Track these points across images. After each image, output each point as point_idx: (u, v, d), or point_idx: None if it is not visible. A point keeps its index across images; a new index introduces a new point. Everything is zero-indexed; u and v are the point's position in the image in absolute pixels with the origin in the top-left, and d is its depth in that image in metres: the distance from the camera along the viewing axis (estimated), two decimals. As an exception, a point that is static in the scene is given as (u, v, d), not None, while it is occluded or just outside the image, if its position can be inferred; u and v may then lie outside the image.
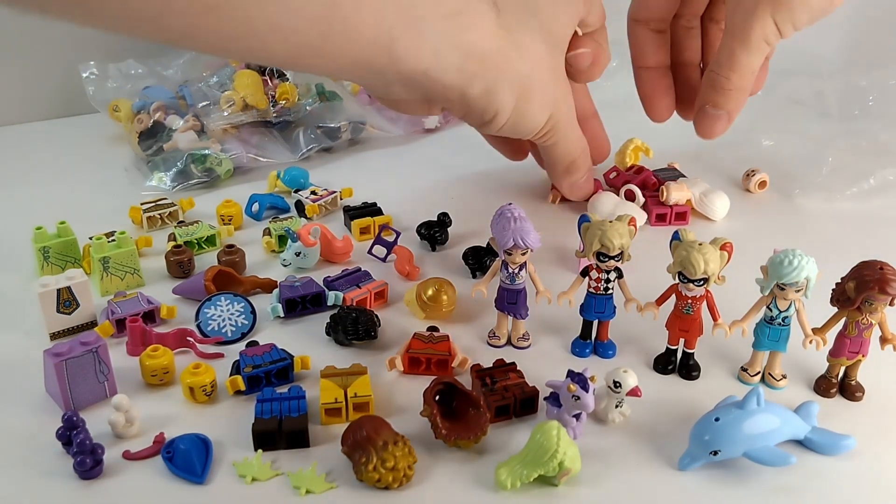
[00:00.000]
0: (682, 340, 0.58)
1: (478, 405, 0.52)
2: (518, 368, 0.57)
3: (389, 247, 0.71)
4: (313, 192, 0.80)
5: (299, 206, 0.79)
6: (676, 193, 0.77)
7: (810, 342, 0.56)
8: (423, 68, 0.48)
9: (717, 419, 0.49)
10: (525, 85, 0.53)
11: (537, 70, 0.54)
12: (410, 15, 0.45)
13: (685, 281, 0.55)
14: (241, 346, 0.60)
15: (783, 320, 0.55)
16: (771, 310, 0.55)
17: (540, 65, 0.54)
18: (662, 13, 0.66)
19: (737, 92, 0.57)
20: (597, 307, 0.59)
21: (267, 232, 0.74)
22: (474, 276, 0.70)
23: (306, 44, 0.42)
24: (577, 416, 0.52)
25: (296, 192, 0.80)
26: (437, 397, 0.52)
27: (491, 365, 0.57)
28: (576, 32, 0.62)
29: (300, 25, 0.41)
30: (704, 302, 0.56)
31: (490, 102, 0.52)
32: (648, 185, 0.81)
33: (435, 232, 0.73)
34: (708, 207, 0.78)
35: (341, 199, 0.80)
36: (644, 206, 0.78)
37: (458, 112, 0.54)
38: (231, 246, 0.70)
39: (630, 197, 0.78)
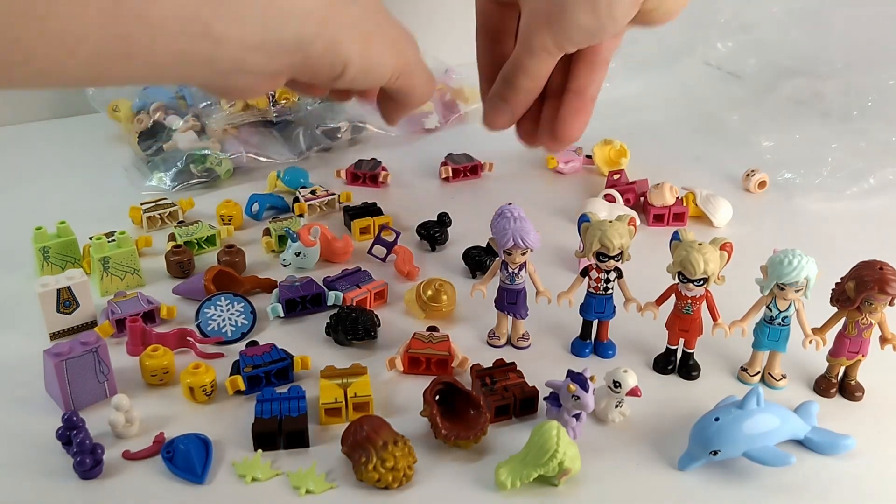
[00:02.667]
0: (681, 340, 0.58)
1: (478, 405, 0.52)
2: (518, 368, 0.57)
3: (389, 247, 0.71)
4: (313, 192, 0.80)
5: (296, 202, 0.79)
6: (658, 198, 0.77)
7: (810, 342, 0.56)
8: (255, 44, 0.44)
9: (716, 419, 0.49)
10: (365, 30, 0.52)
11: (369, 12, 0.53)
12: None
13: (685, 281, 0.55)
14: (241, 346, 0.60)
15: (783, 320, 0.55)
16: (771, 310, 0.55)
17: (370, 6, 0.54)
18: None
19: (522, 91, 0.58)
20: (597, 307, 0.59)
21: (267, 232, 0.74)
22: (474, 276, 0.70)
23: (103, 52, 0.38)
24: (577, 416, 0.52)
25: (301, 189, 0.81)
26: (437, 397, 0.52)
27: (491, 365, 0.57)
28: None
29: (85, 32, 0.36)
30: (704, 302, 0.56)
31: (336, 55, 0.50)
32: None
33: (435, 232, 0.73)
34: (712, 208, 0.78)
35: (339, 202, 0.80)
36: (643, 207, 0.78)
37: (304, 76, 0.52)
38: (231, 246, 0.70)
39: (610, 201, 0.78)
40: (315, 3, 0.48)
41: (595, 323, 0.60)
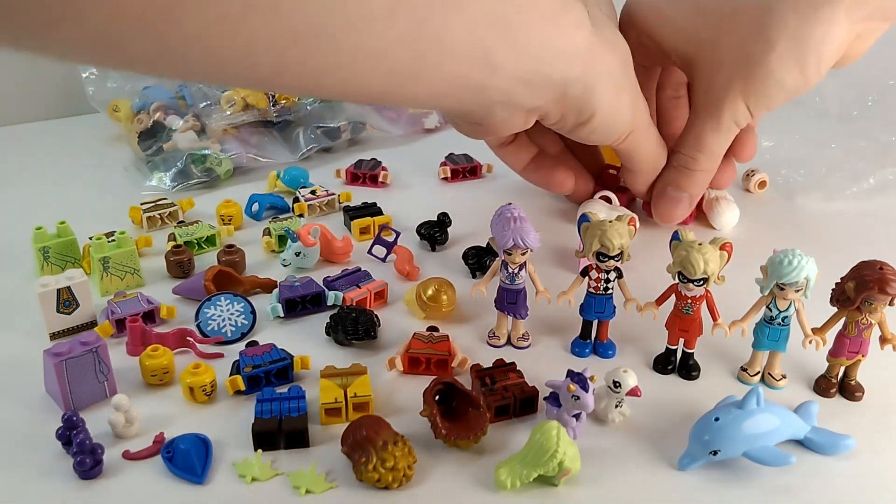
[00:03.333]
0: (681, 340, 0.58)
1: (478, 405, 0.52)
2: (518, 368, 0.57)
3: (389, 247, 0.71)
4: (313, 192, 0.80)
5: (296, 202, 0.79)
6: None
7: (810, 342, 0.56)
8: (526, 77, 0.45)
9: (716, 419, 0.49)
10: (617, 81, 0.51)
11: (624, 64, 0.52)
12: (504, 22, 0.43)
13: (685, 281, 0.55)
14: (241, 346, 0.60)
15: (783, 320, 0.55)
16: (771, 310, 0.55)
17: (626, 58, 0.53)
18: None
19: (702, 174, 0.56)
20: (597, 307, 0.59)
21: (267, 232, 0.74)
22: (474, 276, 0.70)
23: (399, 70, 0.40)
24: (577, 416, 0.52)
25: (301, 189, 0.81)
26: (437, 397, 0.52)
27: (491, 365, 0.57)
28: None
29: (389, 48, 0.39)
30: (704, 302, 0.56)
31: (589, 101, 0.50)
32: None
33: (435, 232, 0.73)
34: (715, 213, 0.76)
35: (339, 202, 0.80)
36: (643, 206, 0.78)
37: (553, 117, 0.52)
38: (231, 246, 0.70)
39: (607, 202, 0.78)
40: (582, 46, 0.48)
41: (595, 323, 0.60)
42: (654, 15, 0.59)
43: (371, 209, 0.78)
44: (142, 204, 0.77)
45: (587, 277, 0.59)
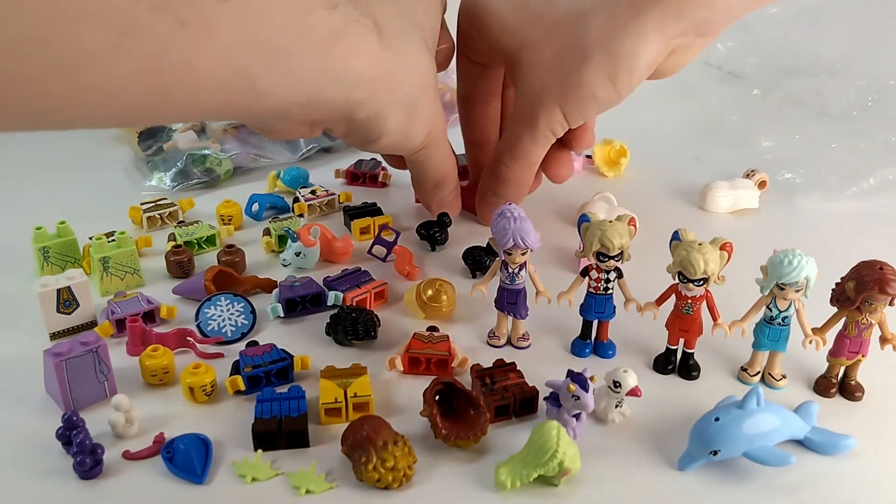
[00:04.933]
0: (681, 340, 0.58)
1: (478, 405, 0.52)
2: (518, 368, 0.57)
3: (389, 247, 0.71)
4: (313, 192, 0.80)
5: (296, 202, 0.79)
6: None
7: (810, 342, 0.56)
8: (302, 101, 0.42)
9: (716, 419, 0.49)
10: (411, 105, 0.50)
11: (423, 88, 0.51)
12: (269, 48, 0.39)
13: (685, 281, 0.55)
14: (241, 346, 0.60)
15: (783, 320, 0.55)
16: (771, 310, 0.55)
17: (426, 82, 0.51)
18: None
19: (517, 182, 0.56)
20: (597, 307, 0.59)
21: (267, 232, 0.74)
22: (474, 276, 0.70)
23: (140, 102, 0.35)
24: (577, 416, 0.52)
25: (301, 189, 0.81)
26: (437, 397, 0.52)
27: (491, 365, 0.57)
28: None
29: (122, 86, 0.34)
30: (704, 302, 0.56)
31: (376, 125, 0.48)
32: None
33: (435, 232, 0.73)
34: (709, 199, 0.79)
35: (339, 202, 0.80)
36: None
37: (339, 133, 0.50)
38: (231, 246, 0.70)
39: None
40: (366, 72, 0.46)
41: (595, 323, 0.60)
42: (485, 9, 0.58)
43: (371, 209, 0.78)
44: (142, 204, 0.77)
45: (587, 277, 0.59)
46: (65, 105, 0.34)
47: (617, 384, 0.52)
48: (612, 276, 0.58)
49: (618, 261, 0.57)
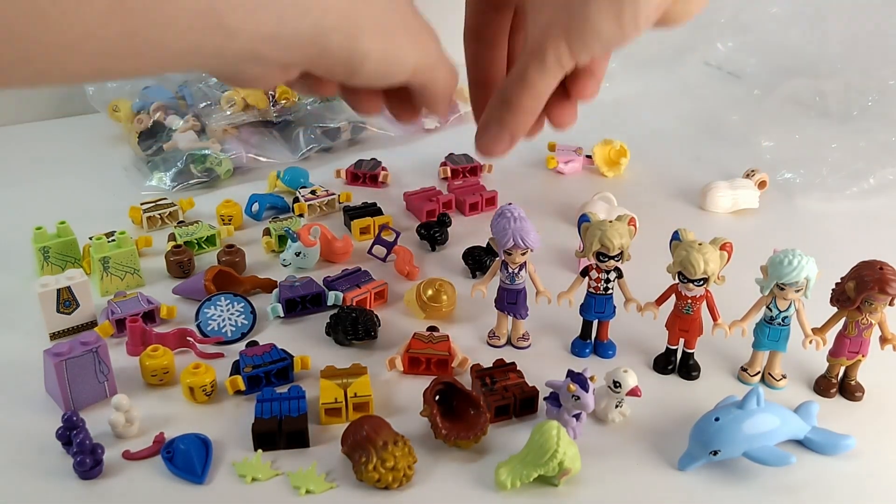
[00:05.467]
0: (681, 340, 0.58)
1: (478, 405, 0.52)
2: (518, 368, 0.57)
3: (389, 247, 0.71)
4: (313, 192, 0.80)
5: (296, 202, 0.79)
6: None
7: (810, 342, 0.56)
8: (270, 35, 0.43)
9: (717, 419, 0.49)
10: (386, 24, 0.50)
11: (395, 6, 0.51)
12: None
13: (685, 281, 0.55)
14: (241, 346, 0.60)
15: (783, 320, 0.55)
16: (771, 310, 0.55)
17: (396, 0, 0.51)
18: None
19: (524, 113, 0.55)
20: (597, 307, 0.59)
21: (267, 232, 0.74)
22: (474, 276, 0.70)
23: (108, 51, 0.36)
24: (577, 416, 0.52)
25: (301, 189, 0.81)
26: (437, 397, 0.52)
27: (491, 365, 0.57)
28: None
29: (90, 27, 0.35)
30: (704, 302, 0.56)
31: (355, 49, 0.48)
32: None
33: (435, 232, 0.73)
34: (709, 198, 0.79)
35: (339, 202, 0.80)
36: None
37: (320, 69, 0.50)
38: (231, 246, 0.70)
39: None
40: None
41: (595, 323, 0.60)
42: None
43: (371, 209, 0.78)
44: (142, 204, 0.77)
45: (587, 277, 0.59)
46: (35, 54, 0.34)
47: (617, 384, 0.52)
48: (612, 276, 0.58)
49: (618, 261, 0.57)
